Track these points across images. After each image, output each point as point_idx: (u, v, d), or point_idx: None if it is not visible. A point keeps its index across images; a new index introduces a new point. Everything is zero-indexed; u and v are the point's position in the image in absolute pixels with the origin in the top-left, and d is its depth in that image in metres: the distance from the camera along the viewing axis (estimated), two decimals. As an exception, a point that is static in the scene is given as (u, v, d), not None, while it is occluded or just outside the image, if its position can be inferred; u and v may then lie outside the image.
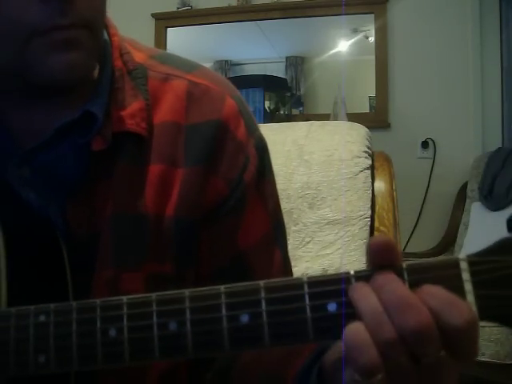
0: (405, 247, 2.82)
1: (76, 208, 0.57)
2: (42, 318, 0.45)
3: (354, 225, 1.34)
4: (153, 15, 3.51)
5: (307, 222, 0.75)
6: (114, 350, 0.43)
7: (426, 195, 3.07)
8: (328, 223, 1.32)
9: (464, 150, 3.04)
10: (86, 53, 0.53)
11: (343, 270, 0.44)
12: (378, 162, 1.44)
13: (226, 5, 3.40)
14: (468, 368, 1.99)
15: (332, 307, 0.40)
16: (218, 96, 0.64)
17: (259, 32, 3.51)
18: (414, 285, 0.39)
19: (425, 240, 2.88)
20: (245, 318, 0.41)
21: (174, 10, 3.49)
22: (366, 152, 1.42)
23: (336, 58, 3.43)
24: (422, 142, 3.11)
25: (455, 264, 0.39)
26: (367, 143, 1.44)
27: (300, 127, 1.49)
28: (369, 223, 1.35)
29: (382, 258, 0.40)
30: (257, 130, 0.67)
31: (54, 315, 0.45)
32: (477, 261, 0.39)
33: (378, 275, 0.40)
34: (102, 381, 0.57)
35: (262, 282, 0.42)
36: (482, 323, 0.40)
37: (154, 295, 0.43)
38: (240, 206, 0.63)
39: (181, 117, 0.62)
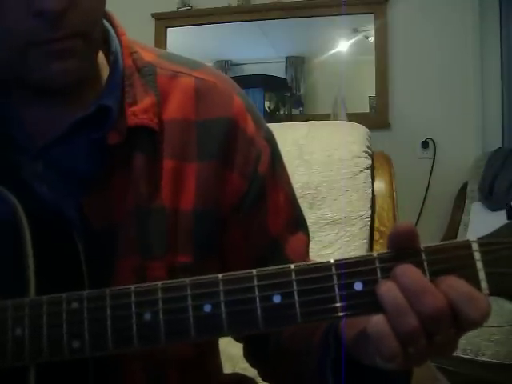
0: (405, 247, 2.81)
1: (92, 200, 0.59)
2: (75, 304, 0.47)
3: (354, 225, 1.34)
4: (153, 15, 3.51)
5: (307, 221, 0.75)
6: (150, 332, 0.46)
7: (426, 195, 3.07)
8: (328, 223, 1.32)
9: (464, 150, 3.04)
10: (81, 59, 0.55)
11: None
12: (377, 162, 1.44)
13: (226, 5, 3.40)
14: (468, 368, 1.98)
15: (358, 286, 0.44)
16: (226, 93, 0.67)
17: (259, 32, 3.51)
18: (431, 264, 0.44)
19: (425, 240, 2.83)
20: (277, 298, 0.45)
21: (174, 10, 3.49)
22: (366, 152, 1.42)
23: (336, 58, 3.43)
24: (422, 141, 3.11)
25: (467, 245, 0.44)
26: (367, 143, 1.44)
27: (300, 127, 1.49)
28: (369, 223, 1.35)
29: (404, 242, 0.45)
30: (263, 122, 0.70)
31: (88, 302, 0.47)
32: (486, 242, 0.44)
33: (399, 266, 0.44)
34: (127, 368, 0.60)
35: (292, 265, 0.45)
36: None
37: (187, 280, 0.46)
38: (261, 196, 0.66)
39: (190, 113, 0.64)
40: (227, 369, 0.81)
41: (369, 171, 1.40)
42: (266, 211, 0.67)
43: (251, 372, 0.79)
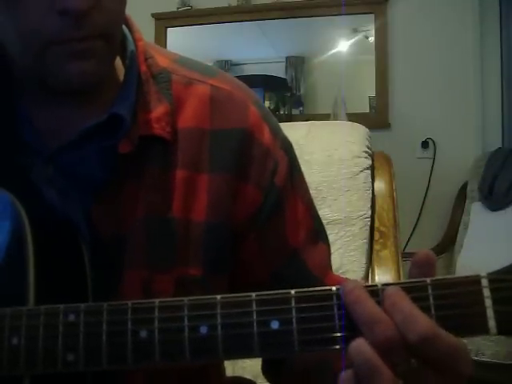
0: (405, 247, 2.82)
1: (101, 208, 0.58)
2: (72, 317, 0.46)
3: (353, 225, 1.34)
4: (153, 15, 3.51)
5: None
6: (145, 351, 0.45)
7: (426, 195, 3.07)
8: (328, 223, 1.32)
9: (464, 150, 3.04)
10: (100, 61, 0.55)
11: (343, 270, 0.46)
12: (377, 161, 1.45)
13: (226, 5, 3.40)
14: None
15: None
16: (241, 103, 0.65)
17: (259, 32, 3.51)
18: (437, 299, 0.42)
19: (425, 240, 2.88)
20: (275, 325, 0.43)
21: (174, 9, 3.49)
22: (366, 152, 1.42)
23: (336, 58, 3.43)
24: (422, 141, 3.11)
25: (477, 281, 0.42)
26: (367, 143, 1.44)
27: (300, 127, 1.49)
28: (369, 223, 1.35)
29: (419, 272, 0.43)
30: (280, 131, 0.69)
31: (84, 315, 0.46)
32: (497, 278, 0.41)
33: (348, 291, 0.43)
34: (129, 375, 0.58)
35: (292, 291, 0.44)
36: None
37: (185, 299, 0.45)
38: (279, 208, 0.65)
39: (205, 122, 0.63)
40: (226, 368, 0.81)
41: (369, 171, 1.40)
42: (283, 223, 0.65)
43: (250, 372, 0.79)
